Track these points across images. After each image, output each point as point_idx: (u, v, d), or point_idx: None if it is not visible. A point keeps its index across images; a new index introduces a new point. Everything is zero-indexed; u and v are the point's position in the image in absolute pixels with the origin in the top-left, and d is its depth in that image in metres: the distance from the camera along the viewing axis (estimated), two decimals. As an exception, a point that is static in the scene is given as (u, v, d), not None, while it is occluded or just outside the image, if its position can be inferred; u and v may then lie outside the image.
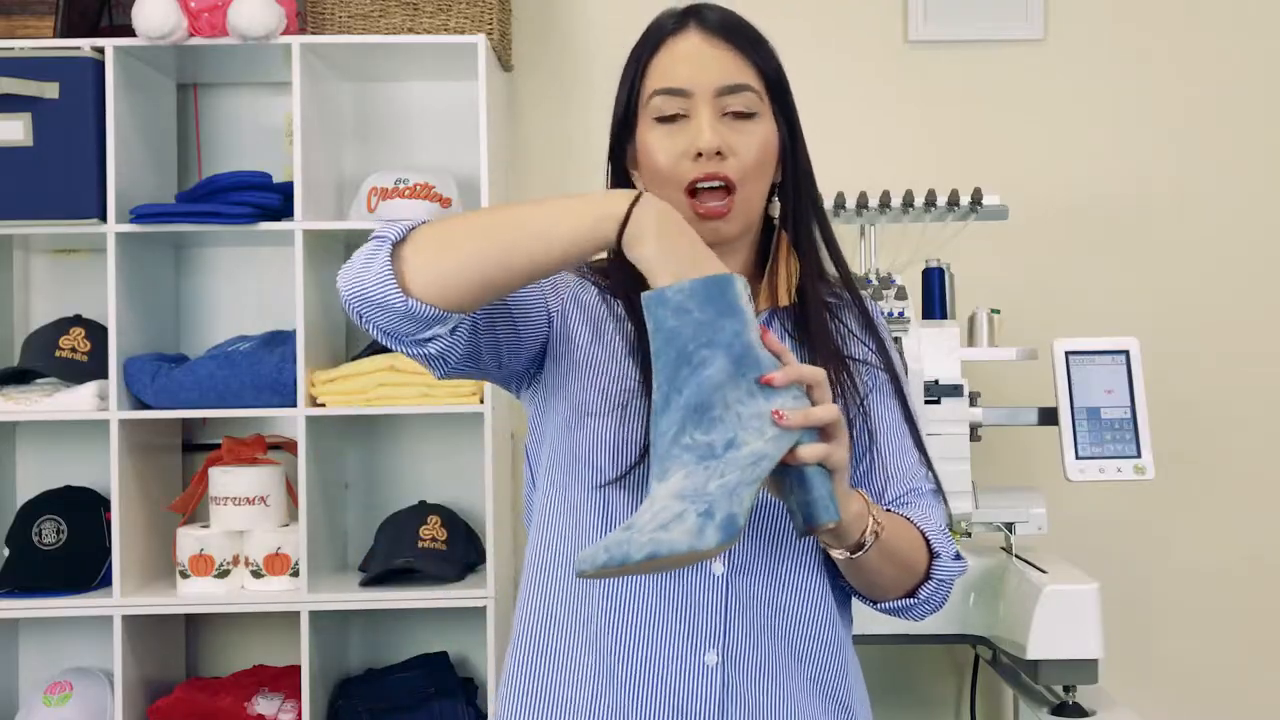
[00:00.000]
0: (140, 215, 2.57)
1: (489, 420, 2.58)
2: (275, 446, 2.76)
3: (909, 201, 2.49)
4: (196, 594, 2.61)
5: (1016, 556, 2.40)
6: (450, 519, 2.72)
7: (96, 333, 2.66)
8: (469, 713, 2.65)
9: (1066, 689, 2.23)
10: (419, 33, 2.65)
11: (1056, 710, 2.24)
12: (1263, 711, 2.91)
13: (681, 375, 1.16)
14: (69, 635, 2.82)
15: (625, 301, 1.36)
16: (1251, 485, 2.91)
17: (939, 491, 1.39)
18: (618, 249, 1.20)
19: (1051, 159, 2.91)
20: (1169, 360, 2.77)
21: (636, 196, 1.20)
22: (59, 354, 2.63)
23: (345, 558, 2.86)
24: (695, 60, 1.32)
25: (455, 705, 2.64)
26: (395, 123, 2.91)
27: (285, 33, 2.59)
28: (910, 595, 1.34)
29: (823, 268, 1.39)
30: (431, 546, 2.65)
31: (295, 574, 2.60)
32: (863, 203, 2.49)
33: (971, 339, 2.53)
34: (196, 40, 2.56)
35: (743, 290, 1.19)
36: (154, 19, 2.51)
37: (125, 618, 2.56)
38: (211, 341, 2.82)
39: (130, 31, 2.58)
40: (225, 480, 2.65)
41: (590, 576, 1.13)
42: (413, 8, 2.65)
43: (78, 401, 2.58)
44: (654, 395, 1.18)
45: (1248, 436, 2.91)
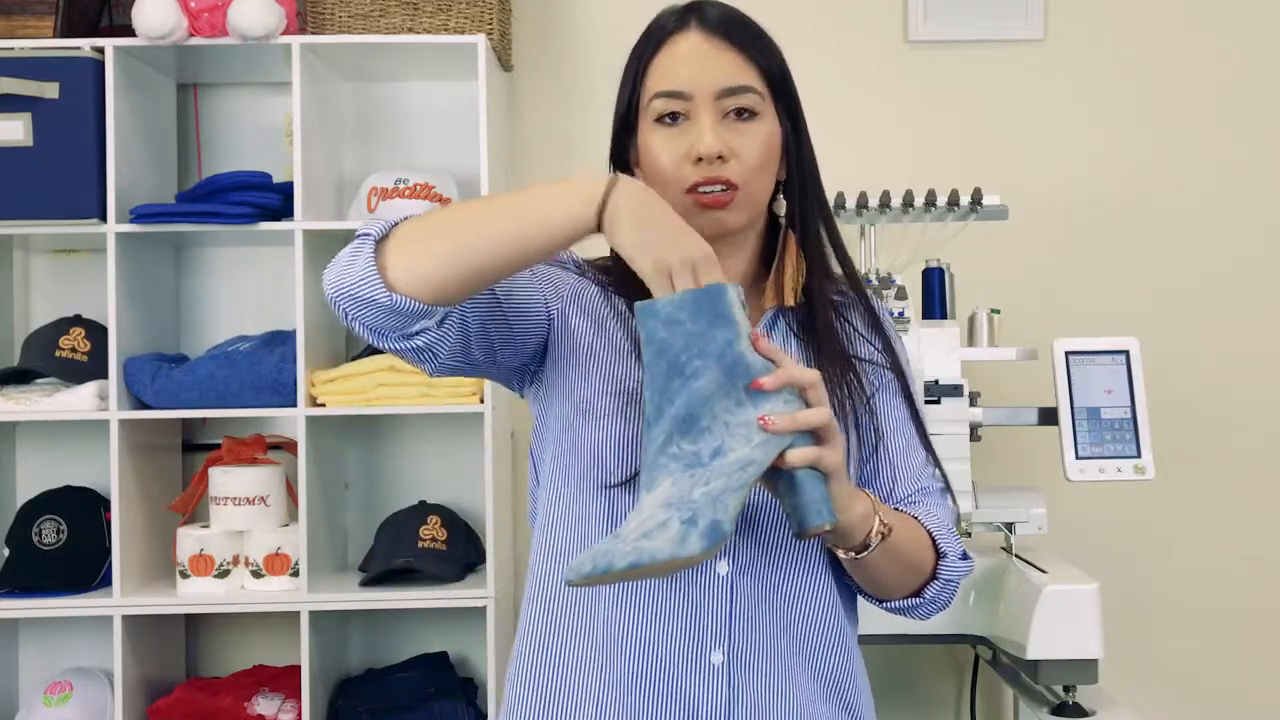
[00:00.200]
0: (140, 215, 2.57)
1: (489, 420, 2.58)
2: (275, 446, 2.76)
3: (909, 201, 2.49)
4: (196, 594, 2.61)
5: (1016, 556, 2.40)
6: (450, 519, 2.72)
7: (96, 333, 2.66)
8: (469, 713, 2.65)
9: (1066, 689, 2.23)
10: (419, 33, 2.65)
11: (1056, 710, 2.24)
12: (1263, 711, 2.91)
13: (673, 387, 1.17)
14: (69, 635, 2.82)
15: (628, 299, 1.35)
16: (1251, 485, 2.91)
17: (947, 490, 1.39)
18: (598, 232, 1.20)
19: (1051, 159, 2.91)
20: (1169, 360, 2.77)
21: (614, 180, 1.19)
22: (59, 354, 2.63)
23: (345, 558, 2.86)
24: (696, 61, 1.31)
25: (455, 705, 2.64)
26: (395, 123, 2.91)
27: (285, 33, 2.59)
28: (916, 595, 1.34)
29: (829, 266, 1.38)
30: (431, 546, 2.65)
31: (295, 574, 2.60)
32: (863, 203, 2.49)
33: (971, 339, 2.53)
34: (196, 40, 2.56)
35: (735, 299, 1.18)
36: (154, 19, 2.51)
37: (125, 618, 2.56)
38: (211, 341, 2.82)
39: (130, 31, 2.58)
40: (225, 480, 2.65)
41: (578, 585, 1.14)
42: (413, 8, 2.65)
43: (78, 401, 2.58)
44: (646, 407, 1.18)
45: (1248, 436, 2.91)
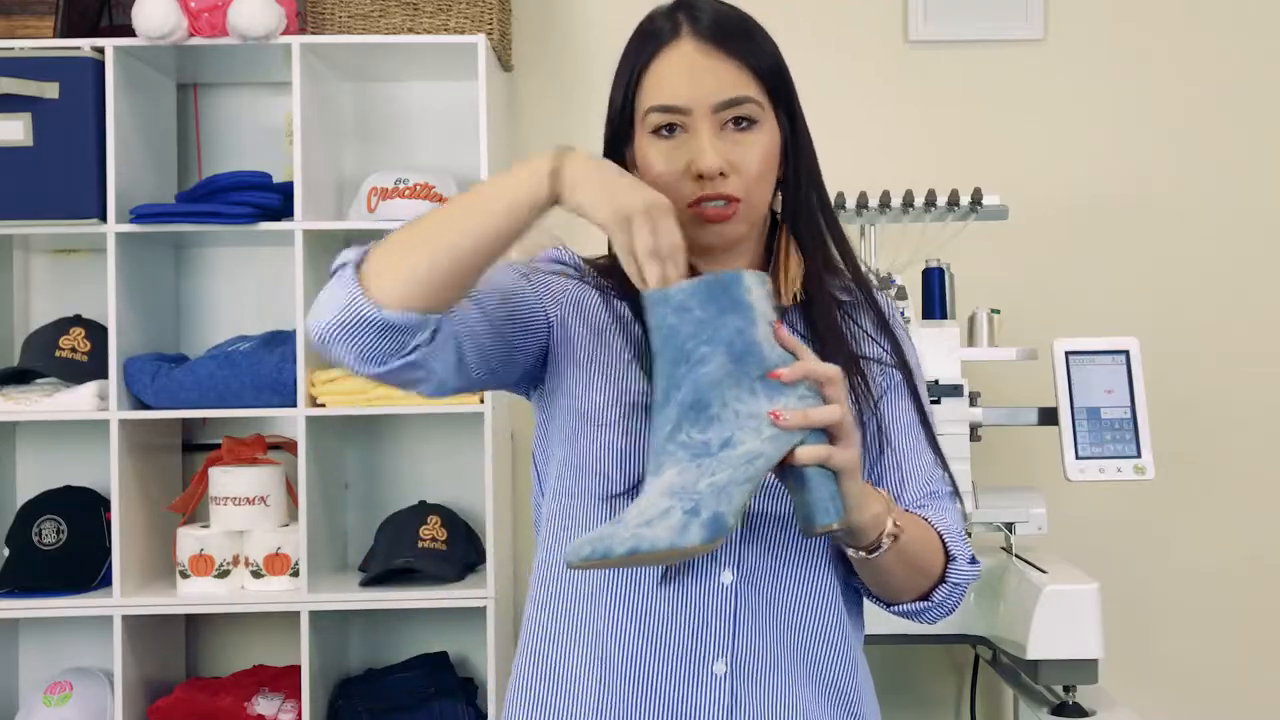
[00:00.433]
0: (140, 215, 2.57)
1: (489, 420, 2.58)
2: (275, 446, 2.76)
3: (909, 201, 2.49)
4: (196, 594, 2.61)
5: (1016, 556, 2.40)
6: (450, 519, 2.72)
7: (96, 333, 2.66)
8: (469, 713, 2.65)
9: (1066, 689, 2.23)
10: (419, 33, 2.65)
11: (1056, 710, 2.24)
12: (1263, 711, 2.91)
13: (679, 372, 1.15)
14: (69, 635, 2.82)
15: (630, 302, 1.34)
16: (1251, 485, 2.91)
17: (955, 493, 1.37)
18: (556, 204, 1.20)
19: (1051, 159, 2.91)
20: (1169, 360, 2.77)
21: (564, 150, 1.20)
22: (59, 354, 2.63)
23: (345, 558, 2.86)
24: (690, 74, 1.28)
25: (455, 705, 2.64)
26: (395, 123, 2.91)
27: (285, 33, 2.59)
28: (924, 598, 1.33)
29: (831, 263, 1.35)
30: (431, 546, 2.65)
31: (295, 574, 2.60)
32: (863, 203, 2.49)
33: (971, 339, 2.53)
34: (196, 40, 2.56)
35: (754, 285, 1.16)
36: (154, 19, 2.51)
37: (125, 618, 2.56)
38: (211, 341, 2.82)
39: (130, 31, 2.58)
40: (225, 480, 2.65)
41: (576, 568, 1.13)
42: (413, 8, 2.65)
43: (78, 401, 2.58)
44: (655, 392, 1.17)
45: (1248, 436, 2.91)
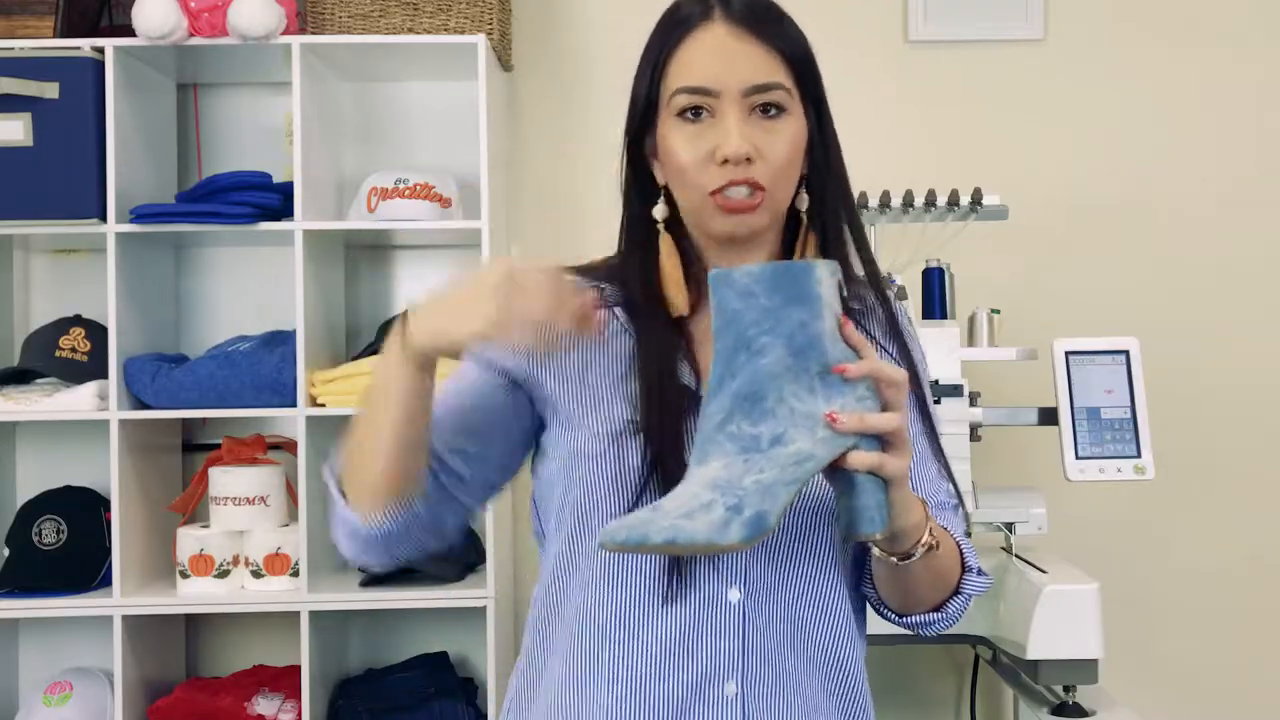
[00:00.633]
0: (140, 215, 2.57)
1: (489, 420, 2.57)
2: (275, 446, 2.76)
3: (909, 201, 2.49)
4: (196, 594, 2.61)
5: (1016, 556, 2.40)
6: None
7: (96, 333, 2.66)
8: (469, 713, 2.65)
9: (1066, 689, 2.23)
10: (419, 33, 2.65)
11: (1056, 710, 2.24)
12: (1263, 711, 2.91)
13: (738, 361, 1.11)
14: (69, 635, 2.82)
15: (626, 306, 1.31)
16: (1251, 485, 2.91)
17: (960, 505, 1.35)
18: (434, 357, 1.19)
19: (1051, 159, 2.91)
20: (1169, 360, 2.77)
21: (402, 317, 1.19)
22: (59, 354, 2.63)
23: (345, 558, 2.85)
24: (721, 56, 1.25)
25: (455, 705, 2.64)
26: (395, 123, 2.91)
27: (285, 33, 2.59)
28: (937, 609, 1.30)
29: (851, 268, 1.32)
30: (431, 546, 2.65)
31: (295, 574, 2.60)
32: (862, 203, 2.49)
33: (971, 339, 2.53)
34: (196, 40, 2.56)
35: (826, 277, 1.13)
36: (154, 19, 2.51)
37: (125, 618, 2.56)
38: (211, 341, 2.82)
39: (130, 31, 2.58)
40: (225, 480, 2.65)
41: (610, 550, 1.09)
42: (413, 8, 2.65)
43: (78, 401, 2.58)
44: (710, 377, 1.13)
45: (1248, 436, 2.92)
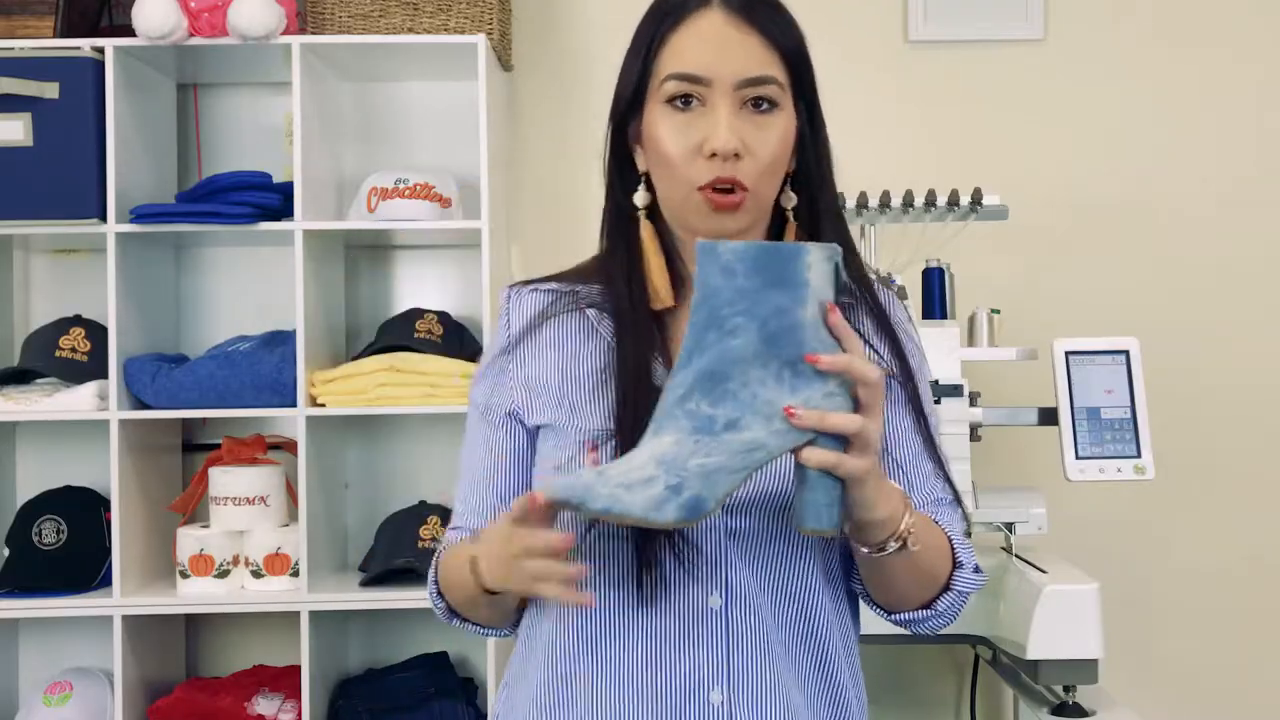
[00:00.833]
0: (140, 215, 2.57)
1: (489, 420, 2.57)
2: (275, 446, 2.76)
3: (909, 201, 2.49)
4: (196, 594, 2.61)
5: (1016, 556, 2.40)
6: (450, 519, 2.72)
7: (96, 333, 2.66)
8: (469, 713, 2.65)
9: (1066, 689, 2.23)
10: (419, 33, 2.65)
11: (1056, 710, 2.24)
12: (1263, 711, 2.91)
13: (708, 339, 1.09)
14: (69, 635, 2.82)
15: (607, 307, 1.30)
16: (1251, 485, 2.91)
17: (958, 501, 1.32)
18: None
19: (1051, 159, 2.91)
20: (1169, 360, 2.77)
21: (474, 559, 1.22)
22: (59, 354, 2.63)
23: (345, 558, 2.86)
24: (717, 45, 1.23)
25: (455, 705, 2.64)
26: (395, 123, 2.91)
27: (285, 33, 2.58)
28: (927, 607, 1.27)
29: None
30: (432, 546, 2.65)
31: (295, 574, 2.60)
32: (863, 203, 2.49)
33: (971, 339, 2.53)
34: (196, 40, 2.56)
35: (818, 262, 1.10)
36: (154, 19, 2.51)
37: (125, 618, 2.56)
38: (211, 341, 2.82)
39: (130, 31, 2.58)
40: (225, 480, 2.65)
41: (546, 499, 1.09)
42: (413, 8, 2.65)
43: (78, 401, 2.58)
44: (681, 348, 1.11)
45: (1248, 436, 2.91)
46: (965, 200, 2.49)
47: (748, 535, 1.24)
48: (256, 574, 2.61)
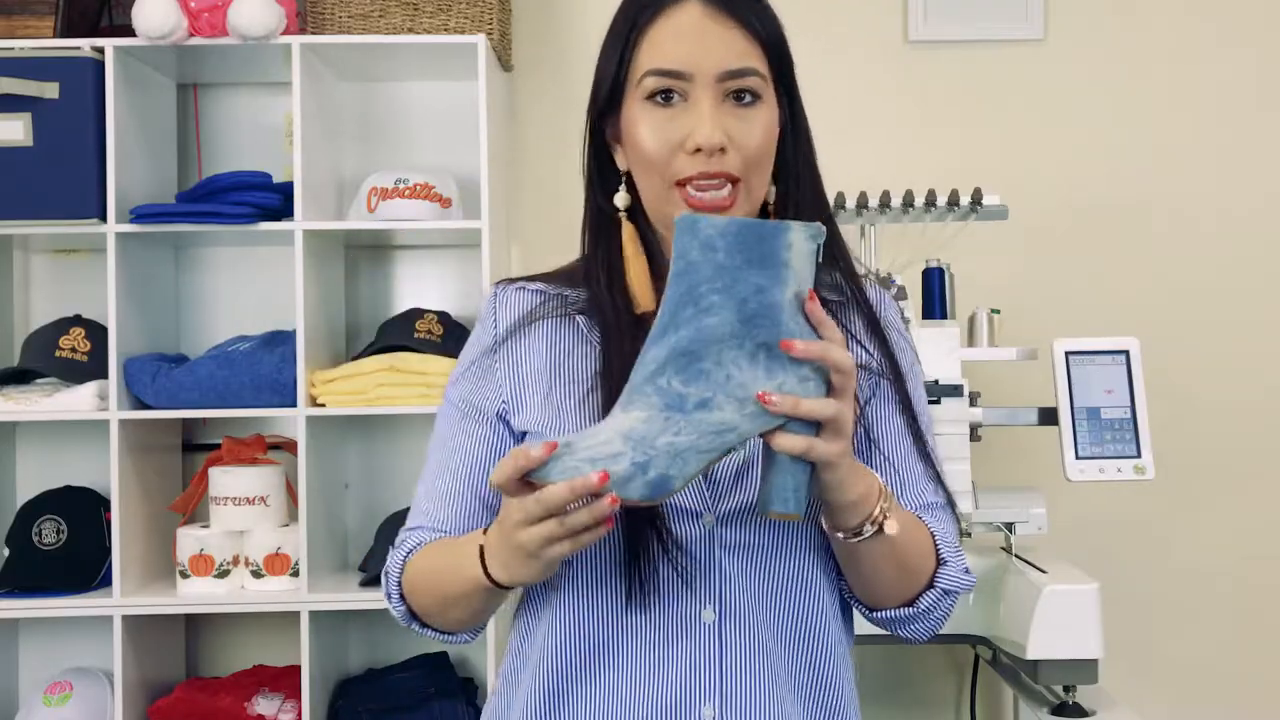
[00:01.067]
0: (140, 215, 2.57)
1: (489, 420, 2.57)
2: (275, 446, 2.76)
3: (909, 201, 2.49)
4: (196, 594, 2.61)
5: (1016, 556, 2.40)
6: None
7: (96, 333, 2.66)
8: (469, 713, 2.65)
9: (1066, 689, 2.23)
10: (419, 33, 2.65)
11: (1056, 710, 2.24)
12: (1263, 711, 2.91)
13: (684, 315, 1.08)
14: (69, 635, 2.82)
15: (601, 324, 1.26)
16: (1251, 485, 2.91)
17: (950, 504, 1.29)
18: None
19: (1051, 159, 2.91)
20: (1169, 360, 2.77)
21: (480, 548, 1.16)
22: (59, 354, 2.63)
23: (345, 558, 2.86)
24: (696, 38, 1.20)
25: (455, 705, 2.64)
26: (395, 123, 2.91)
27: (285, 33, 2.58)
28: (910, 605, 1.24)
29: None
30: (431, 546, 2.65)
31: (295, 574, 2.60)
32: (863, 203, 2.49)
33: (971, 339, 2.53)
34: (196, 40, 2.56)
35: (800, 242, 1.08)
36: (154, 19, 2.51)
37: (125, 618, 2.56)
38: (211, 341, 2.82)
39: (130, 31, 2.58)
40: (225, 480, 2.65)
41: (513, 460, 1.07)
42: (413, 8, 2.65)
43: (78, 401, 2.58)
44: (655, 322, 1.09)
45: (1248, 436, 2.91)
46: (965, 200, 2.49)
47: (743, 547, 1.23)
48: (256, 574, 2.61)
